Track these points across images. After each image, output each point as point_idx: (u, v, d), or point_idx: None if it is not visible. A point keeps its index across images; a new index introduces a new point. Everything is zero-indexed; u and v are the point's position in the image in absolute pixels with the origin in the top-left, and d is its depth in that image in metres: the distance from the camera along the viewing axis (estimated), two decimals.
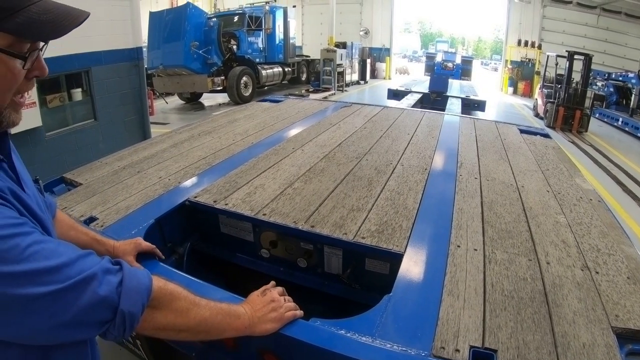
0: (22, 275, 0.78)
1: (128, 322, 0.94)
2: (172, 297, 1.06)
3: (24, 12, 0.84)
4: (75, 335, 0.89)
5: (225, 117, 4.42)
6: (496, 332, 1.30)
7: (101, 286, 0.89)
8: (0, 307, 0.78)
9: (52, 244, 0.87)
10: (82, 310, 0.85)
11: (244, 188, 2.38)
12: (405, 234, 1.88)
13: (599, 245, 1.93)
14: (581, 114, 12.02)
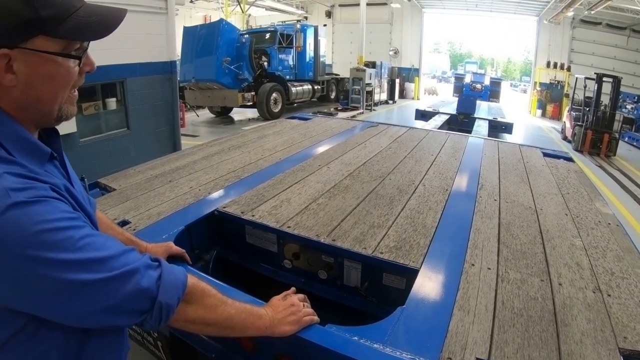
0: (75, 262, 0.88)
1: (164, 313, 1.03)
2: (203, 294, 1.16)
3: (73, 17, 0.95)
4: (115, 321, 0.98)
5: (254, 132, 4.58)
6: (503, 346, 1.36)
7: (143, 279, 0.98)
8: (54, 291, 0.87)
9: (101, 238, 0.97)
10: (124, 299, 0.95)
11: (270, 201, 2.49)
12: (422, 251, 1.96)
13: (613, 268, 1.96)
14: (609, 137, 11.87)
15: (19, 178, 0.89)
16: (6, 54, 0.89)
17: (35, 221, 0.84)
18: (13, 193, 0.84)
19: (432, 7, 25.28)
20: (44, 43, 0.92)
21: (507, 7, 22.77)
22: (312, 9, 27.66)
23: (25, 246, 0.83)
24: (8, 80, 0.92)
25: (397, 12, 24.94)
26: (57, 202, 0.92)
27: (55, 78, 0.98)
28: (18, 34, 0.90)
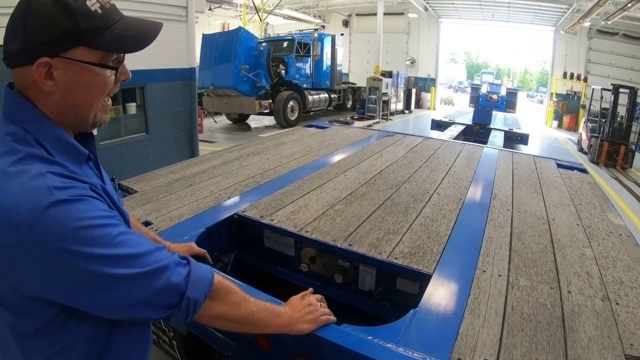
0: (112, 258, 0.94)
1: (192, 307, 1.08)
2: (228, 291, 1.21)
3: (111, 30, 1.02)
4: (146, 314, 1.03)
5: (272, 140, 4.68)
6: (511, 349, 1.41)
7: (173, 275, 1.04)
8: (91, 283, 0.93)
9: (134, 236, 1.03)
10: (155, 293, 1.01)
11: (288, 207, 2.57)
12: (435, 257, 2.02)
13: (622, 278, 2.00)
14: (626, 149, 11.78)
15: (61, 177, 0.95)
16: (47, 62, 0.96)
17: (76, 218, 0.91)
18: (56, 191, 0.91)
19: (448, 17, 25.29)
20: (83, 53, 1.00)
21: (523, 18, 22.71)
22: (330, 18, 27.82)
23: (66, 241, 0.89)
24: (48, 87, 0.99)
25: (414, 21, 24.99)
26: (96, 201, 0.98)
27: (92, 86, 1.05)
28: (59, 44, 0.97)
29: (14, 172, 0.93)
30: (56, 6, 0.95)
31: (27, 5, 0.96)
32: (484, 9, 22.42)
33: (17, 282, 0.94)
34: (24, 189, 0.90)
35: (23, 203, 0.89)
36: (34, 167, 0.94)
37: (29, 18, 0.96)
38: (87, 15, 0.98)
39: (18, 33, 0.97)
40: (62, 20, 0.95)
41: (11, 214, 0.88)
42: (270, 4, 21.89)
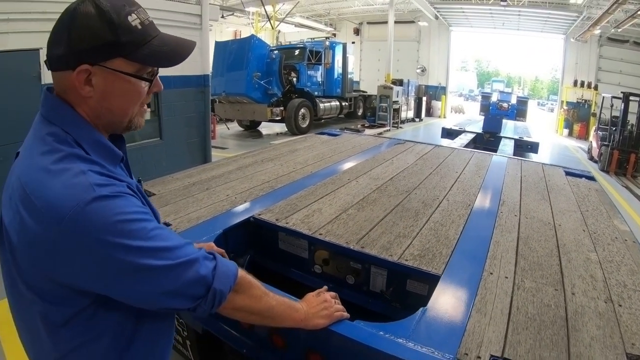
0: (147, 250, 1.01)
1: (217, 299, 1.15)
2: (249, 285, 1.27)
3: (148, 45, 1.10)
4: (175, 304, 1.09)
5: (286, 146, 4.79)
6: (516, 346, 1.48)
7: (201, 268, 1.11)
8: (126, 273, 1.00)
9: (165, 231, 1.10)
10: (184, 284, 1.08)
11: (303, 210, 2.66)
12: (444, 259, 2.10)
13: (626, 281, 2.05)
14: (636, 157, 11.72)
15: (101, 176, 1.03)
16: (87, 69, 1.05)
17: (116, 212, 0.98)
18: (97, 188, 0.98)
19: (459, 25, 25.31)
20: (121, 64, 1.08)
21: (534, 26, 22.70)
22: (341, 26, 27.96)
23: (107, 233, 0.96)
24: (86, 92, 1.07)
25: (424, 30, 25.05)
26: (132, 197, 1.07)
27: (127, 95, 1.14)
28: (100, 54, 1.05)
29: (57, 170, 1.00)
30: (101, 19, 1.03)
31: (73, 15, 1.04)
32: (494, 17, 22.44)
33: (54, 272, 1.01)
34: (68, 185, 0.98)
35: (66, 198, 0.96)
36: (76, 166, 1.02)
37: (74, 27, 1.04)
38: (128, 30, 1.07)
39: (62, 40, 1.05)
40: (105, 32, 1.04)
41: (54, 208, 0.95)
42: (282, 12, 22.10)
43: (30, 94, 5.46)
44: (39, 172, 1.01)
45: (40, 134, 1.09)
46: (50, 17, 5.51)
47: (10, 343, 3.46)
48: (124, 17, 1.06)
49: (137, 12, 1.09)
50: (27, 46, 5.40)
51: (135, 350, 1.18)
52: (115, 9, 1.05)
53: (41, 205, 0.96)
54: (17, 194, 1.03)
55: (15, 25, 5.22)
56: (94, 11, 1.03)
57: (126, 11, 1.07)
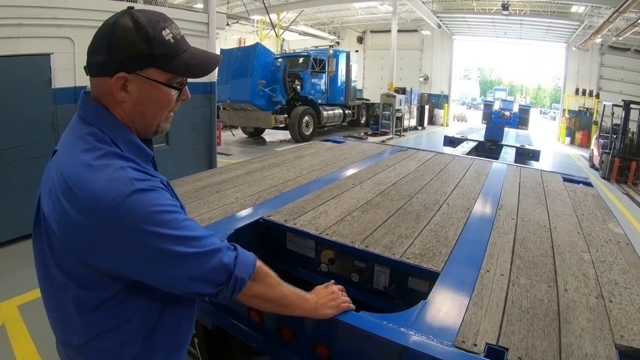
0: (178, 238, 1.13)
1: (238, 285, 1.26)
2: (266, 274, 1.38)
3: (180, 57, 1.22)
4: (200, 289, 1.20)
5: (291, 152, 4.92)
6: (510, 335, 1.58)
7: (224, 256, 1.22)
8: (160, 259, 1.11)
9: (193, 222, 1.21)
10: (210, 270, 1.19)
11: (310, 213, 2.77)
12: (443, 258, 2.20)
13: (617, 279, 2.13)
14: (637, 165, 11.81)
15: (138, 172, 1.14)
16: (124, 77, 1.17)
17: (152, 204, 1.10)
18: (136, 182, 1.10)
19: (462, 34, 25.51)
20: (154, 73, 1.20)
21: (536, 34, 22.89)
22: (344, 35, 28.17)
23: (144, 222, 1.08)
24: (121, 97, 1.19)
25: (427, 39, 25.24)
26: (165, 191, 1.19)
27: (158, 101, 1.25)
28: (136, 64, 1.17)
29: (98, 165, 1.11)
30: (138, 33, 1.15)
31: (113, 28, 1.16)
32: (497, 26, 22.62)
33: (91, 259, 1.11)
34: (109, 179, 1.08)
35: (108, 190, 1.06)
36: (115, 162, 1.13)
37: (114, 38, 1.16)
38: (162, 43, 1.18)
39: (102, 49, 1.17)
40: (141, 45, 1.16)
41: (97, 199, 1.06)
42: (287, 20, 22.28)
43: (40, 98, 5.60)
44: (82, 167, 1.11)
45: (79, 133, 1.20)
46: (61, 23, 5.65)
47: (19, 341, 3.57)
48: (158, 31, 1.18)
49: (170, 27, 1.22)
50: (39, 51, 5.55)
51: (160, 334, 1.30)
52: (151, 24, 1.17)
53: (84, 197, 1.07)
54: (59, 186, 1.12)
55: (27, 30, 5.35)
56: (132, 25, 1.16)
57: (161, 26, 1.19)
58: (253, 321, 2.06)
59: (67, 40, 5.82)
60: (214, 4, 7.98)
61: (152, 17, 1.20)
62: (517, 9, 18.98)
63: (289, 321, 1.88)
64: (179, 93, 1.31)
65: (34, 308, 4.00)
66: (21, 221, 5.50)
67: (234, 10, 20.34)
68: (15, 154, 5.37)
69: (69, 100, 5.90)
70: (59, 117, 5.81)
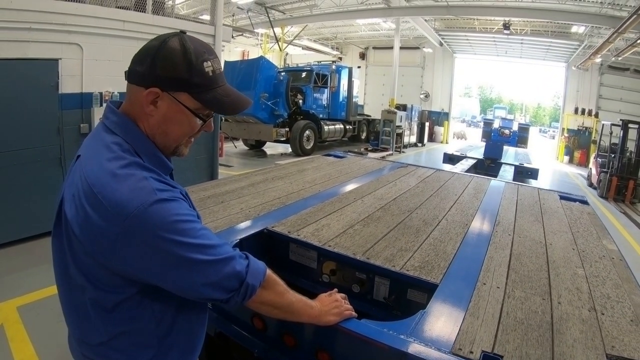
0: (196, 246, 1.20)
1: (249, 292, 1.32)
2: (275, 282, 1.45)
3: (213, 91, 1.28)
4: (213, 294, 1.26)
5: (294, 166, 5.01)
6: (505, 344, 1.64)
7: (237, 264, 1.29)
8: (177, 265, 1.18)
9: (208, 232, 1.28)
10: (223, 277, 1.26)
11: (312, 225, 2.85)
12: (442, 270, 2.27)
13: (610, 294, 2.19)
14: (635, 184, 11.92)
15: (160, 182, 1.21)
16: (157, 92, 1.23)
17: (173, 214, 1.17)
18: (158, 192, 1.17)
19: (463, 52, 25.74)
20: (186, 98, 1.26)
21: (536, 54, 23.12)
22: (347, 50, 28.38)
23: (164, 230, 1.14)
24: (149, 110, 1.26)
25: (429, 56, 25.43)
26: (184, 202, 1.26)
27: (182, 125, 1.31)
28: (172, 84, 1.24)
29: (123, 175, 1.17)
30: (182, 57, 1.22)
31: (162, 45, 1.23)
32: (498, 45, 22.84)
33: (111, 262, 1.18)
34: (133, 188, 1.15)
35: (132, 199, 1.13)
36: (139, 172, 1.20)
37: (159, 55, 1.22)
38: (201, 74, 1.25)
39: (146, 61, 1.23)
40: (182, 69, 1.23)
41: (121, 207, 1.12)
42: (290, 34, 22.46)
43: (47, 103, 5.69)
44: (107, 175, 1.17)
45: (104, 141, 1.26)
46: (71, 29, 5.74)
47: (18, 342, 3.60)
48: (201, 61, 1.25)
49: (212, 61, 1.28)
50: (47, 56, 5.64)
51: (174, 337, 1.36)
52: (196, 53, 1.24)
53: (108, 204, 1.13)
54: (83, 192, 1.18)
55: (37, 35, 5.45)
56: (179, 48, 1.23)
57: (204, 57, 1.26)
58: (256, 328, 2.13)
59: (76, 46, 5.93)
60: (220, 17, 8.11)
61: (200, 47, 1.27)
62: (518, 29, 19.16)
63: (292, 328, 1.94)
64: (203, 123, 1.36)
65: (33, 309, 4.05)
66: (22, 223, 5.58)
67: (238, 23, 20.54)
68: (18, 156, 5.43)
69: (75, 106, 6.00)
70: (64, 122, 5.90)
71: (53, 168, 5.83)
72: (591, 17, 14.54)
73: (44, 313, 4.00)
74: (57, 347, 3.54)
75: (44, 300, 4.24)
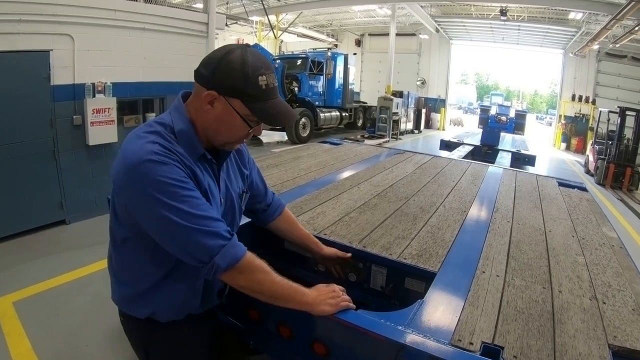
0: (173, 207, 1.36)
1: (214, 269, 1.45)
2: (254, 270, 1.54)
3: (263, 103, 1.45)
4: (184, 257, 1.44)
5: (290, 154, 4.94)
6: (505, 335, 1.61)
7: (212, 240, 1.43)
8: (154, 218, 1.38)
9: (201, 202, 1.44)
10: (194, 245, 1.41)
11: (308, 213, 2.80)
12: (440, 259, 2.23)
13: (611, 282, 2.16)
14: (632, 171, 11.91)
15: (163, 148, 1.39)
16: (214, 95, 1.43)
17: (159, 174, 1.35)
18: (153, 154, 1.36)
19: (459, 38, 25.56)
20: (238, 104, 1.44)
21: (533, 40, 22.95)
22: (343, 37, 28.18)
23: (149, 186, 1.34)
24: (207, 108, 1.46)
25: (425, 43, 25.28)
26: (177, 168, 1.40)
27: (232, 128, 1.50)
28: (228, 90, 1.42)
29: (140, 136, 1.43)
30: (241, 69, 1.40)
31: (226, 55, 1.42)
32: (495, 31, 22.68)
33: (124, 201, 1.44)
34: (139, 148, 1.38)
35: (133, 154, 1.36)
36: (153, 137, 1.41)
37: (222, 63, 1.41)
38: (255, 86, 1.42)
39: (210, 66, 1.43)
40: (238, 79, 1.40)
41: (125, 159, 1.37)
42: (285, 21, 22.26)
43: (39, 95, 5.58)
44: (132, 136, 1.46)
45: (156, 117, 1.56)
46: (62, 20, 5.63)
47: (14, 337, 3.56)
48: (256, 75, 1.41)
49: (267, 76, 1.44)
50: (38, 47, 5.53)
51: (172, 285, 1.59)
52: (254, 67, 1.41)
53: (121, 156, 1.40)
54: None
55: (27, 27, 5.33)
56: (240, 60, 1.41)
57: (260, 72, 1.42)
58: (251, 319, 2.09)
59: (67, 37, 5.80)
60: (214, 4, 7.98)
61: (258, 61, 1.43)
62: (515, 15, 19.04)
63: (288, 319, 1.91)
64: (250, 129, 1.52)
65: (29, 305, 4.02)
66: (16, 218, 5.52)
67: (233, 11, 20.33)
68: (11, 150, 5.33)
69: (68, 98, 5.90)
70: (57, 114, 5.79)
71: (47, 161, 5.76)
72: (589, 4, 14.41)
73: (40, 308, 3.97)
74: (53, 341, 3.53)
75: (40, 295, 4.21)
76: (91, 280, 4.53)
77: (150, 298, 1.60)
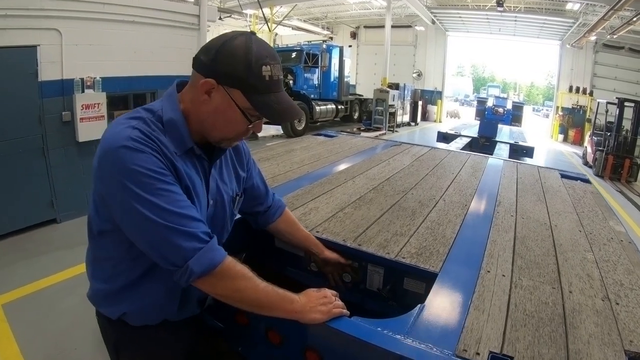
0: (145, 200, 1.24)
1: (187, 274, 1.30)
2: (235, 276, 1.39)
3: (266, 96, 1.34)
4: (155, 258, 1.32)
5: (282, 146, 4.79)
6: (514, 342, 1.47)
7: (186, 242, 1.29)
8: (126, 209, 1.26)
9: (180, 198, 1.31)
10: (166, 245, 1.29)
11: (300, 209, 2.65)
12: (441, 257, 2.09)
13: (623, 280, 2.05)
14: (631, 162, 11.91)
15: (142, 135, 1.28)
16: (212, 84, 1.31)
17: (133, 162, 1.24)
18: (130, 140, 1.25)
19: (456, 30, 25.46)
20: (238, 96, 1.32)
21: (530, 31, 22.86)
22: (338, 30, 28.09)
23: (122, 175, 1.24)
24: (203, 98, 1.34)
25: (421, 34, 25.21)
26: (155, 158, 1.28)
27: (229, 122, 1.38)
28: (228, 79, 1.31)
29: (121, 122, 1.32)
30: (244, 57, 1.28)
31: (229, 42, 1.31)
32: (491, 22, 22.59)
33: (97, 188, 1.35)
34: (116, 133, 1.28)
35: (111, 140, 1.26)
36: (133, 123, 1.30)
37: (223, 50, 1.30)
38: (258, 76, 1.30)
39: (210, 53, 1.32)
40: (240, 67, 1.29)
41: (101, 145, 1.28)
42: (279, 14, 22.11)
43: (26, 91, 5.45)
44: (115, 121, 1.35)
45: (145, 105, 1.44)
46: (49, 14, 5.50)
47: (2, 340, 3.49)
48: (260, 64, 1.30)
49: (272, 66, 1.33)
50: (25, 43, 5.40)
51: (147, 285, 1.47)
52: (258, 56, 1.30)
53: (101, 141, 1.30)
54: None
55: (13, 22, 5.18)
56: (243, 48, 1.29)
57: (265, 61, 1.31)
58: (239, 323, 1.95)
59: (55, 31, 5.66)
60: None
61: (263, 50, 1.33)
62: (511, 6, 18.92)
63: (277, 325, 1.77)
64: (250, 124, 1.41)
65: (18, 307, 3.93)
66: (6, 218, 5.40)
67: (227, 4, 20.13)
68: None
69: (56, 94, 5.77)
70: (45, 110, 5.66)
71: (36, 158, 5.64)
72: None
73: (29, 309, 3.90)
74: (42, 345, 3.47)
75: (30, 296, 4.14)
76: (82, 280, 4.34)
77: (124, 297, 1.48)
